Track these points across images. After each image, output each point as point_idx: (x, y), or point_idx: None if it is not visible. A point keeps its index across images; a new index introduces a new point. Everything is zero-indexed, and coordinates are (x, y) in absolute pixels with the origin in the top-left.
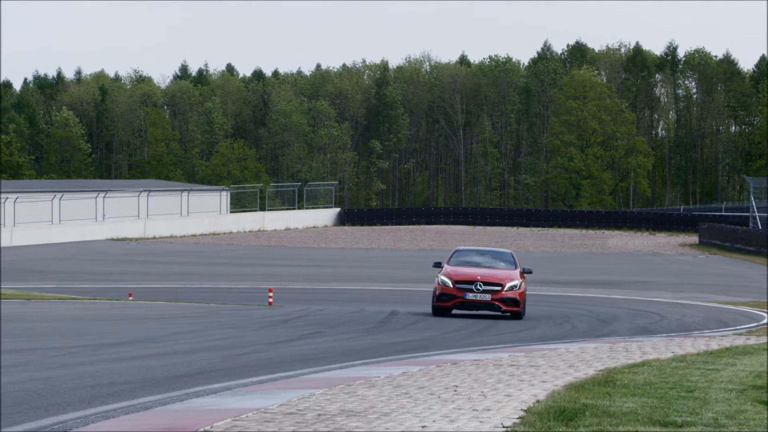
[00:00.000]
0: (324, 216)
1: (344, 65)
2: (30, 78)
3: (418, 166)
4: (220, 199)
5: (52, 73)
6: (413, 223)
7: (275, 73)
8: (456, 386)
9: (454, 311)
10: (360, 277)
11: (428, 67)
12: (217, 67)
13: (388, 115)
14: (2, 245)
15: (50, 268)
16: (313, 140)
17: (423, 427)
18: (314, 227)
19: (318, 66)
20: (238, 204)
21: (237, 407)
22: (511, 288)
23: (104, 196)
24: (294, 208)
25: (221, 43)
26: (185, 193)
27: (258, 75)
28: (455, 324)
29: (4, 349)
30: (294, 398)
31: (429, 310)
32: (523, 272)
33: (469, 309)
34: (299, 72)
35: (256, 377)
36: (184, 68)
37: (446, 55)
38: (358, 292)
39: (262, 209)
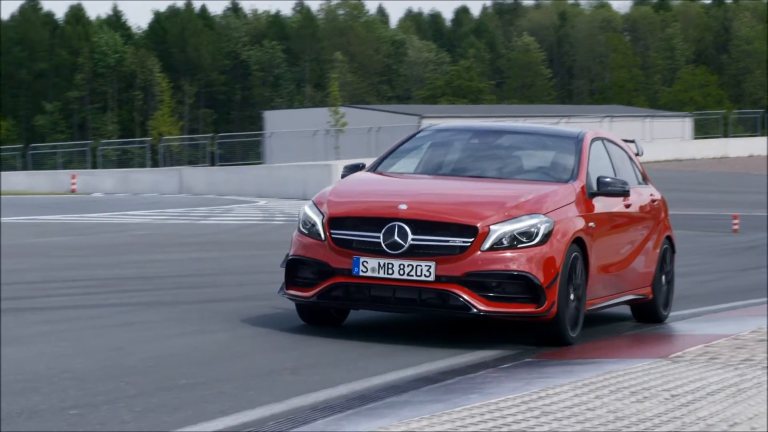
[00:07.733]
0: None
1: None
2: (489, 4)
3: None
4: (683, 125)
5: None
6: None
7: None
8: None
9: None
10: None
11: None
12: None
13: None
14: None
15: None
16: None
17: None
18: None
19: None
20: (701, 130)
21: (708, 333)
22: (512, 243)
23: (566, 122)
24: (757, 135)
25: None
26: (648, 119)
27: (719, 1)
28: None
29: None
30: (765, 326)
31: None
32: (609, 193)
33: (368, 305)
34: None
35: (727, 303)
36: None
37: None
38: None
39: (725, 136)
